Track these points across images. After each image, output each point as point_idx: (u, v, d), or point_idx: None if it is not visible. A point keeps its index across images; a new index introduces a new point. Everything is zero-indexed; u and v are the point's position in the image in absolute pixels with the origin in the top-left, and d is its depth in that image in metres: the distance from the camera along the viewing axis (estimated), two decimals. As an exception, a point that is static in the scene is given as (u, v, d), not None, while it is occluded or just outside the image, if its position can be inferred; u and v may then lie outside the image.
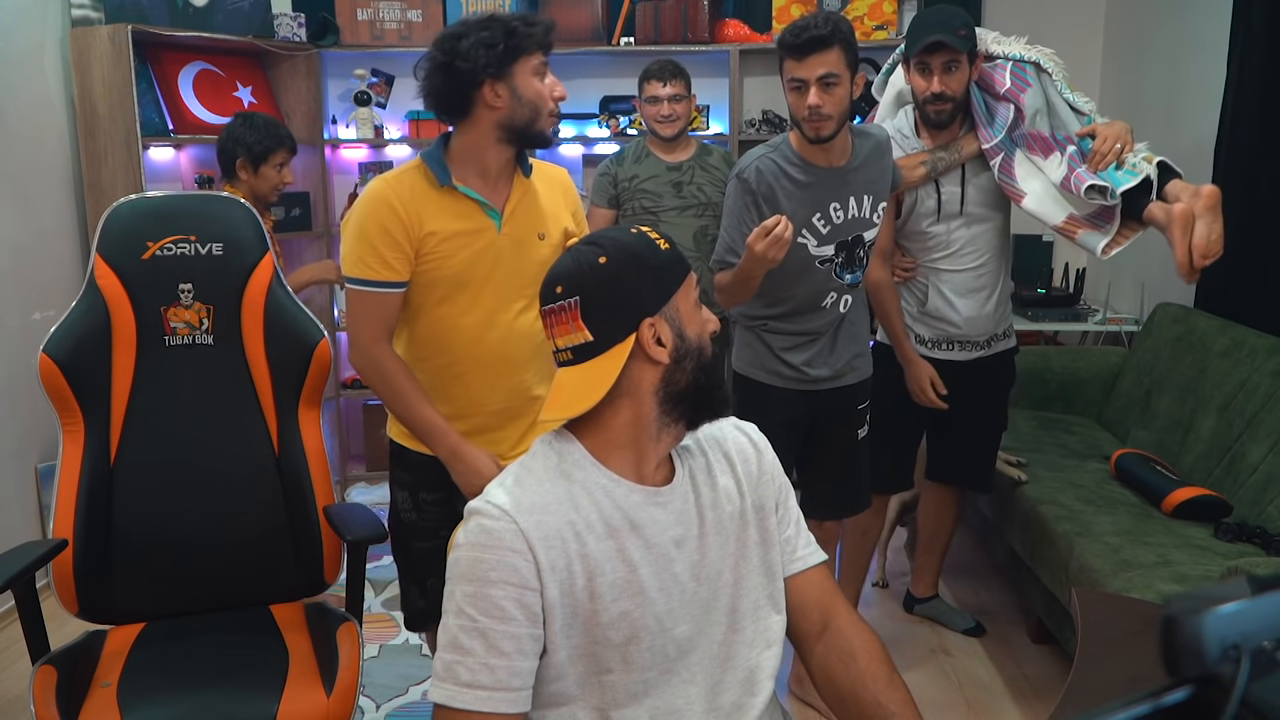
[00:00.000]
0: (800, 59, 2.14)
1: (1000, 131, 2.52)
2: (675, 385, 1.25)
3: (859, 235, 2.35)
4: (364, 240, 1.85)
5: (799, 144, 2.28)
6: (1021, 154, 2.54)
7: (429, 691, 1.18)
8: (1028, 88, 2.52)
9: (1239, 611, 0.78)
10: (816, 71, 2.13)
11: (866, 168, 2.33)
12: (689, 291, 1.26)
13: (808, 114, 2.16)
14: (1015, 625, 3.09)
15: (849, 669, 1.29)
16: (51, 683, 1.77)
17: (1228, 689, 0.75)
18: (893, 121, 2.65)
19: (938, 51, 2.45)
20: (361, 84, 4.17)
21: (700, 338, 1.27)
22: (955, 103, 2.51)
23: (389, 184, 1.87)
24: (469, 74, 1.79)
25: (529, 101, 1.84)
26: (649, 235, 1.26)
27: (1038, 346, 3.90)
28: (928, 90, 2.49)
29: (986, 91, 2.58)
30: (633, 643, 1.21)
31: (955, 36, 2.42)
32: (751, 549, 1.33)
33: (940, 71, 2.47)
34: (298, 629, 2.01)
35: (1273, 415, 2.61)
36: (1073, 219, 2.47)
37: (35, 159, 3.36)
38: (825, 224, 2.30)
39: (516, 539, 1.16)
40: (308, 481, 2.10)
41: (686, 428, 1.29)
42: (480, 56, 1.78)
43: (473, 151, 1.89)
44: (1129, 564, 2.35)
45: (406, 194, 1.86)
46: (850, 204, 2.31)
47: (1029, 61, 2.56)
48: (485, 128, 1.86)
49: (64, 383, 1.95)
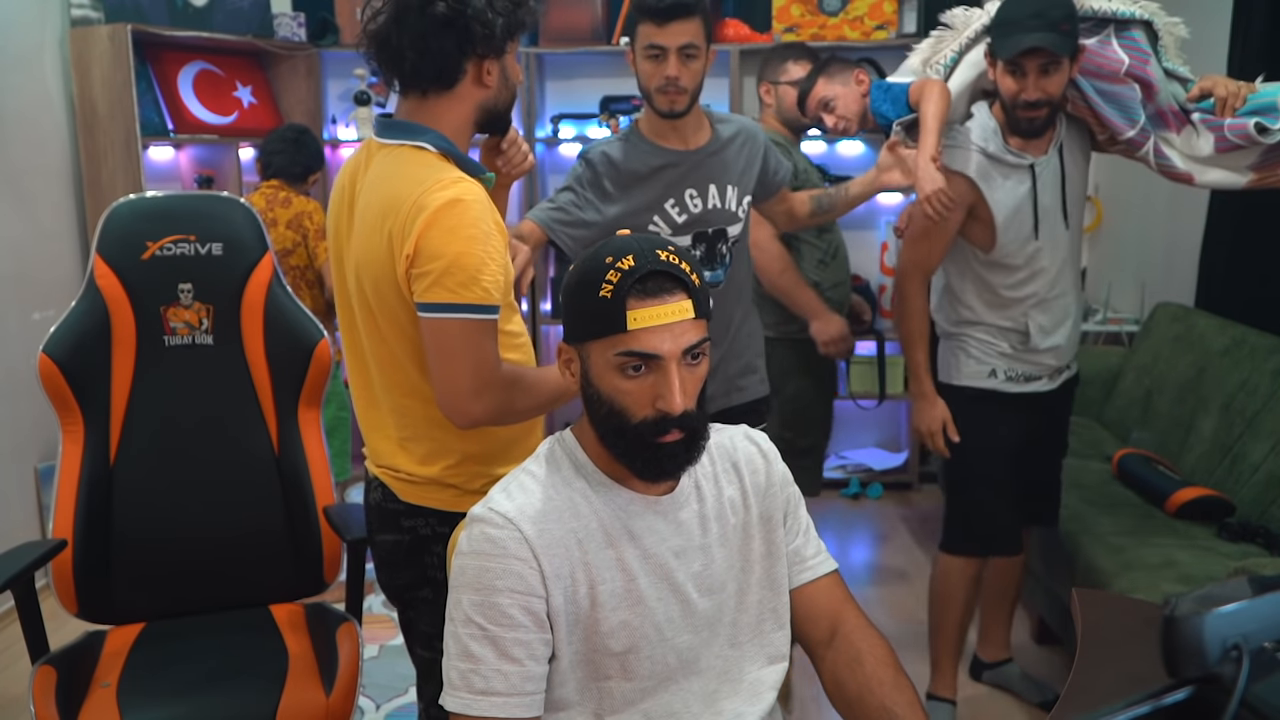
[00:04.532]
0: (661, 25, 1.96)
1: (1140, 114, 2.17)
2: (594, 423, 1.21)
3: (721, 229, 2.13)
4: (493, 260, 1.47)
5: (649, 127, 2.11)
6: (1161, 133, 2.20)
7: (442, 699, 1.17)
8: (1149, 57, 2.16)
9: (1239, 612, 0.78)
10: (679, 40, 1.97)
11: (727, 154, 2.14)
12: (606, 352, 1.16)
13: (664, 84, 2.00)
14: (1017, 625, 3.07)
15: (855, 673, 1.27)
16: (51, 683, 1.77)
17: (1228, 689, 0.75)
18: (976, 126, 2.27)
19: (1034, 55, 2.09)
20: (361, 84, 4.17)
21: (614, 398, 1.17)
22: (1052, 107, 2.17)
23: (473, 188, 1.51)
24: (482, 40, 1.51)
25: (512, 85, 1.61)
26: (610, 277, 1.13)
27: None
28: (1019, 95, 2.13)
29: (1099, 76, 2.19)
30: (632, 652, 1.21)
31: (1057, 35, 2.06)
32: (756, 562, 1.31)
33: (1036, 75, 2.11)
34: (297, 629, 2.01)
35: (1274, 415, 2.61)
36: (1260, 168, 2.11)
37: (35, 159, 3.36)
38: (680, 212, 2.10)
39: (521, 547, 1.16)
40: (307, 481, 2.10)
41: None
42: (495, 25, 1.51)
43: (455, 136, 1.58)
44: (1133, 565, 2.35)
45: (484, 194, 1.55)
46: (711, 192, 2.11)
47: (1138, 22, 2.18)
48: (467, 108, 1.57)
49: (63, 383, 1.95)
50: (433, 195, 1.45)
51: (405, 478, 1.61)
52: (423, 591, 1.64)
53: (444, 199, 1.44)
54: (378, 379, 1.60)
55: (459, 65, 1.52)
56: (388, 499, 1.64)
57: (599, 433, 1.21)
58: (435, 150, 1.52)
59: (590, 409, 1.21)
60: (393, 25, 1.49)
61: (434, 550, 1.61)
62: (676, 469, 1.22)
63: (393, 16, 1.49)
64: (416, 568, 1.64)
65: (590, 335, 1.17)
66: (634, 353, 1.14)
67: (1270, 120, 2.04)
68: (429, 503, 1.61)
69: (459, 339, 1.45)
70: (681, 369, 1.16)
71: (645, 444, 1.17)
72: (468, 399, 1.47)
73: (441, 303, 1.44)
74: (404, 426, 1.60)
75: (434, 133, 1.54)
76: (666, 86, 2.01)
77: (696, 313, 1.16)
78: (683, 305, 1.15)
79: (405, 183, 1.48)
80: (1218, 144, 2.12)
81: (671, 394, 1.14)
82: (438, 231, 1.43)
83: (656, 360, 1.14)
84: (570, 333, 1.21)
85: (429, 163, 1.51)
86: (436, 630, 1.61)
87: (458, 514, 1.56)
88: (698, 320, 1.17)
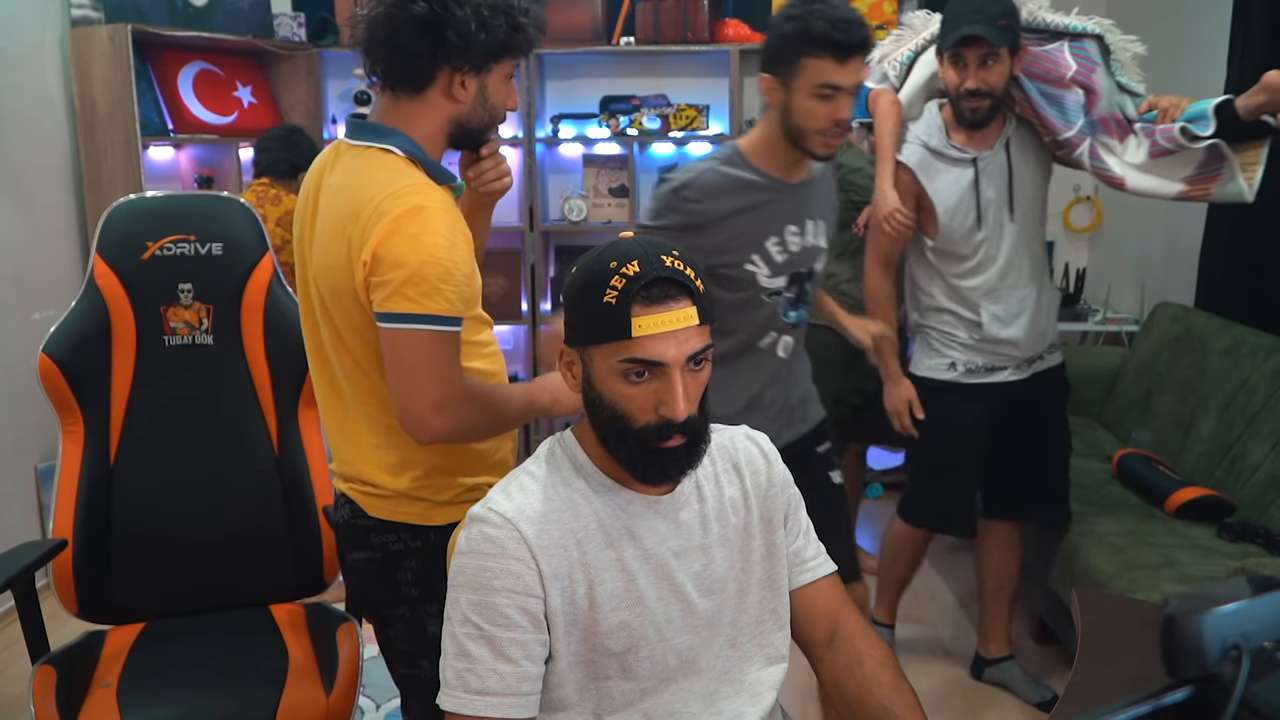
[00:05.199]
0: (843, 61, 1.75)
1: (1079, 117, 2.29)
2: (596, 426, 1.21)
3: (811, 268, 1.98)
4: (457, 269, 1.42)
5: (759, 153, 1.89)
6: (1101, 139, 2.32)
7: (439, 698, 1.17)
8: (1096, 66, 2.28)
9: (1239, 611, 0.78)
10: (856, 79, 1.78)
11: (820, 187, 2.00)
12: (610, 358, 1.15)
13: (831, 128, 1.80)
14: (1017, 625, 3.08)
15: (855, 675, 1.28)
16: (51, 683, 1.77)
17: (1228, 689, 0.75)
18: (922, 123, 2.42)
19: (973, 45, 2.23)
20: (361, 84, 4.17)
21: (616, 403, 1.17)
22: (994, 99, 2.29)
23: (438, 194, 1.46)
24: (456, 51, 1.44)
25: (492, 107, 1.53)
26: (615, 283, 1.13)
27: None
28: (961, 85, 2.28)
29: (1044, 80, 2.32)
30: (631, 652, 1.21)
31: (994, 28, 2.20)
32: (756, 562, 1.31)
33: (976, 65, 2.25)
34: (297, 629, 2.01)
35: (1273, 415, 2.61)
36: (1192, 180, 2.22)
37: (35, 159, 3.36)
38: (781, 251, 1.91)
39: (520, 547, 1.16)
40: (307, 481, 2.10)
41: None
42: (475, 39, 1.44)
43: (426, 143, 1.51)
44: (1133, 565, 2.35)
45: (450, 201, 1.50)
46: (808, 228, 1.94)
47: (1090, 35, 2.31)
48: (437, 118, 1.51)
49: (64, 383, 1.95)
50: (395, 201, 1.39)
51: (373, 491, 1.56)
52: (398, 610, 1.59)
53: (407, 206, 1.39)
54: (346, 387, 1.55)
55: (430, 71, 1.47)
56: (355, 515, 1.59)
57: (600, 436, 1.21)
58: (402, 154, 1.47)
59: (592, 412, 1.21)
60: (379, 18, 1.45)
61: (407, 566, 1.56)
62: (678, 473, 1.22)
63: (382, 9, 1.45)
64: (390, 585, 1.58)
65: (593, 340, 1.17)
66: (638, 359, 1.14)
67: (1199, 128, 2.15)
68: (398, 517, 1.55)
69: (420, 351, 1.40)
70: (685, 375, 1.16)
71: (647, 449, 1.17)
72: (429, 413, 1.42)
73: (402, 313, 1.39)
74: (375, 433, 1.54)
75: (403, 136, 1.48)
76: (835, 131, 1.80)
77: (700, 319, 1.16)
78: (687, 312, 1.15)
79: (367, 187, 1.43)
80: (1151, 149, 2.24)
81: (675, 401, 1.14)
82: (400, 239, 1.38)
83: (660, 367, 1.14)
84: (573, 336, 1.20)
85: (394, 166, 1.46)
86: (416, 648, 1.57)
87: (429, 528, 1.55)
88: (701, 326, 1.17)
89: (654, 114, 4.16)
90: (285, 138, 3.51)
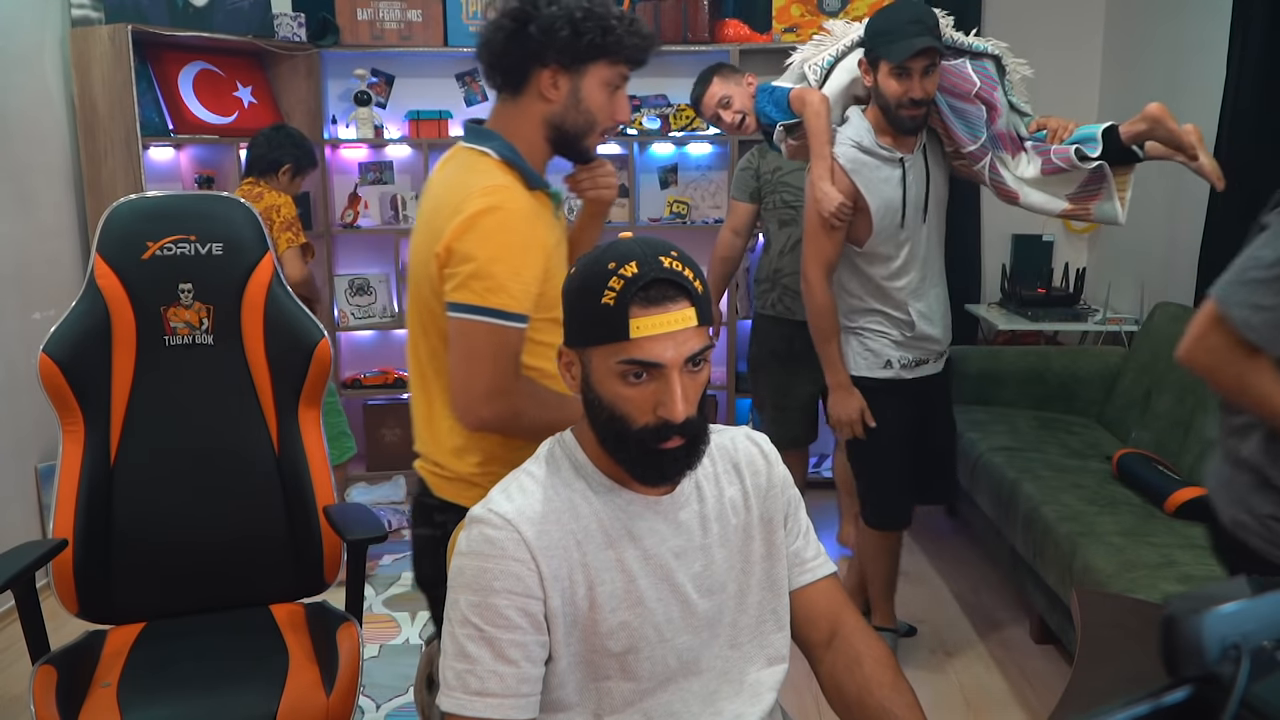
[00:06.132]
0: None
1: (983, 131, 2.43)
2: (595, 427, 1.21)
3: None
4: (527, 270, 1.49)
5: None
6: (999, 154, 2.48)
7: (439, 699, 1.18)
8: (996, 85, 2.43)
9: (1239, 611, 0.78)
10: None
11: None
12: (608, 359, 1.15)
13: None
14: (1017, 625, 3.08)
15: (854, 675, 1.28)
16: (51, 683, 1.77)
17: (1228, 689, 0.75)
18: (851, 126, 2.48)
19: (923, 56, 2.29)
20: (361, 84, 4.17)
21: (615, 404, 1.16)
22: (930, 106, 2.40)
23: (521, 198, 1.53)
24: (536, 47, 1.51)
25: (587, 110, 1.58)
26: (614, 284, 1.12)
27: (1037, 346, 3.90)
28: (905, 96, 2.33)
29: (952, 94, 2.43)
30: (631, 653, 1.21)
31: (936, 38, 2.31)
32: (756, 563, 1.31)
33: (920, 76, 2.31)
34: (298, 629, 2.01)
35: (1273, 415, 2.61)
36: (1075, 198, 2.41)
37: (35, 159, 3.36)
38: None
39: (520, 548, 1.16)
40: (308, 481, 2.10)
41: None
42: (559, 34, 1.50)
43: (526, 147, 1.58)
44: (1133, 564, 2.35)
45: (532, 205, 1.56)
46: None
47: (990, 56, 2.45)
48: (533, 118, 1.58)
49: (64, 383, 1.95)
50: (474, 200, 1.47)
51: (440, 472, 1.64)
52: (442, 590, 1.64)
53: (484, 204, 1.47)
54: (428, 368, 1.64)
55: (523, 69, 1.55)
56: (424, 493, 1.68)
57: (599, 437, 1.21)
58: (497, 157, 1.55)
59: (591, 413, 1.21)
60: (491, 24, 1.55)
61: None
62: (677, 474, 1.22)
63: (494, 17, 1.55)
64: (441, 565, 1.60)
65: (592, 341, 1.17)
66: (636, 361, 1.14)
67: (1090, 149, 2.32)
68: (460, 500, 1.61)
69: (479, 341, 1.48)
70: (683, 376, 1.15)
71: (646, 450, 1.17)
72: (479, 401, 1.50)
73: (467, 304, 1.47)
74: (447, 415, 1.61)
75: (501, 140, 1.57)
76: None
77: (699, 320, 1.15)
78: (686, 313, 1.14)
79: (456, 187, 1.53)
80: (1044, 167, 2.41)
81: (673, 402, 1.14)
82: (473, 235, 1.46)
83: (658, 368, 1.14)
84: (571, 337, 1.21)
85: (484, 168, 1.54)
86: None
87: None
88: (700, 327, 1.16)
89: (654, 114, 4.16)
90: (269, 135, 3.48)
